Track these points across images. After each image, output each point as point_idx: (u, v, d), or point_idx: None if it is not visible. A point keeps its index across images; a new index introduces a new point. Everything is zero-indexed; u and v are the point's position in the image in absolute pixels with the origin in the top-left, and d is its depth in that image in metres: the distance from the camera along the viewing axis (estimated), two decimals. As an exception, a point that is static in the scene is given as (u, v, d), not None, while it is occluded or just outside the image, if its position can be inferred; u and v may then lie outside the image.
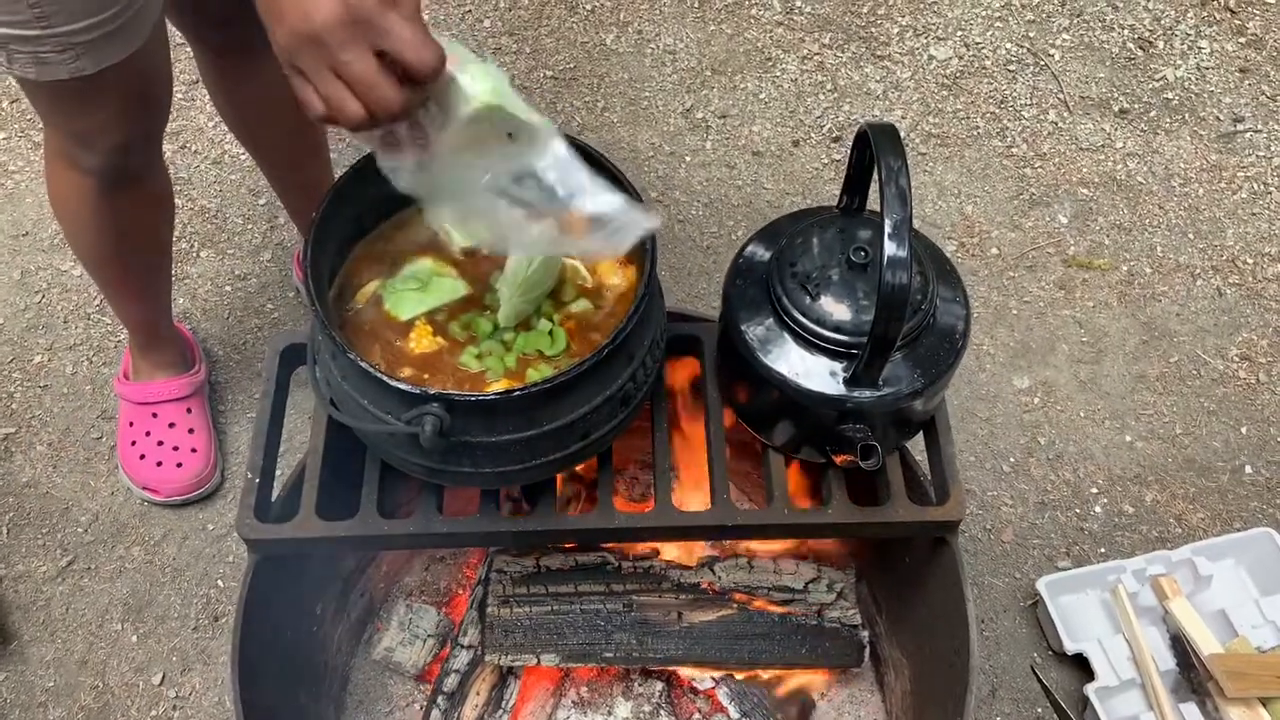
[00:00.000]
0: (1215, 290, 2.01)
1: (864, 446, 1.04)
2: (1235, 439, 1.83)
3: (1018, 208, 2.14)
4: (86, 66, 1.17)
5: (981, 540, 1.72)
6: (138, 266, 1.60)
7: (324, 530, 1.13)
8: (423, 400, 0.96)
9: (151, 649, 1.64)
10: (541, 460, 1.05)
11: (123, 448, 1.77)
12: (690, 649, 1.44)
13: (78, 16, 1.12)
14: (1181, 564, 1.60)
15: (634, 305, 1.03)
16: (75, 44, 1.14)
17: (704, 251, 2.09)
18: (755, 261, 1.16)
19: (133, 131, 1.35)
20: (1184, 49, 2.36)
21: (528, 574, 1.43)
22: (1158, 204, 2.13)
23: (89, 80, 1.19)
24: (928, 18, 2.43)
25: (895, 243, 0.95)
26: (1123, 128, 2.24)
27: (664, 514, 1.14)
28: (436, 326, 1.12)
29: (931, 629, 1.31)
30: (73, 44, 1.14)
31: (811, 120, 2.27)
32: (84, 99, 1.25)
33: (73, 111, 1.28)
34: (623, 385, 1.05)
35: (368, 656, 1.55)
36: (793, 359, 1.09)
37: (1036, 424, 1.85)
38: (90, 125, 1.30)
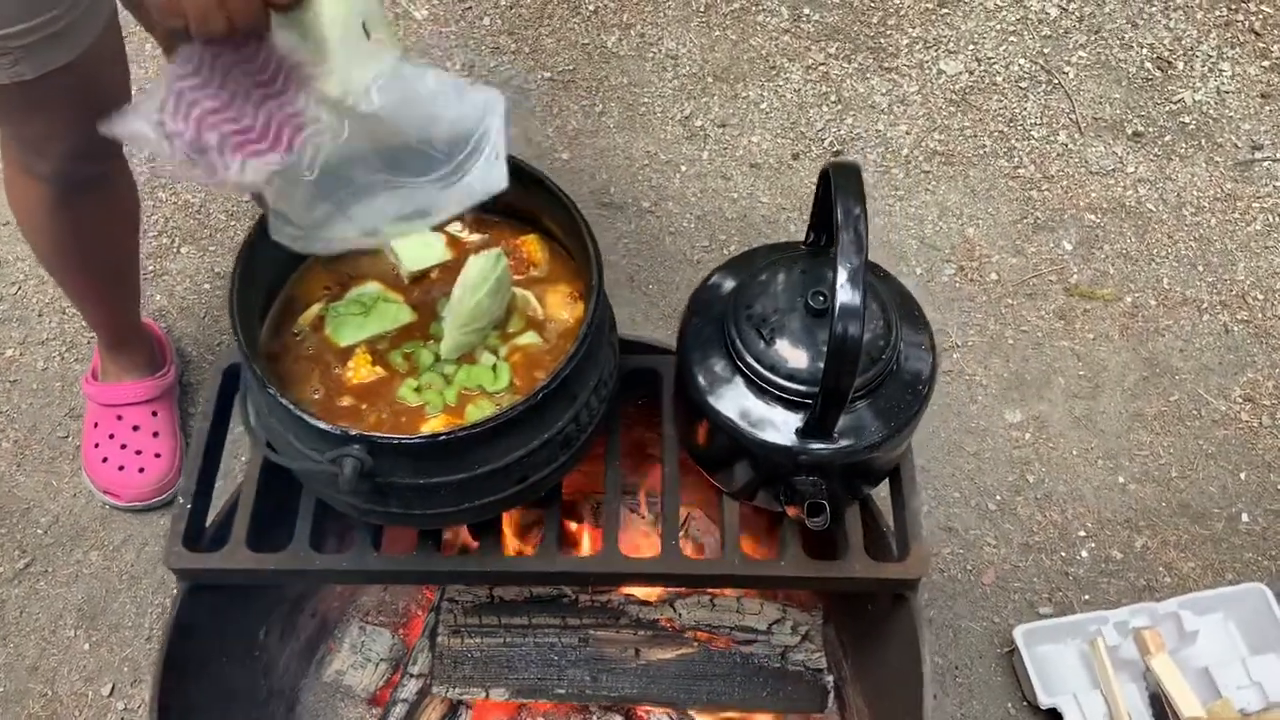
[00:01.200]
0: (1222, 327, 1.93)
1: (812, 504, 0.99)
2: (1233, 485, 1.76)
3: (1021, 231, 2.06)
4: (26, 71, 1.13)
5: (961, 581, 1.66)
6: (100, 273, 1.56)
7: (253, 562, 1.08)
8: (343, 441, 0.92)
9: (103, 658, 1.61)
10: (475, 503, 1.00)
11: (87, 449, 1.74)
12: (647, 688, 1.39)
13: (12, 20, 1.08)
14: (1167, 617, 1.53)
15: (576, 343, 0.98)
16: (13, 48, 1.10)
17: (693, 266, 2.03)
18: (715, 295, 1.10)
19: (85, 138, 1.30)
20: (1204, 71, 2.27)
21: (480, 604, 1.38)
22: (1167, 233, 2.05)
23: (32, 85, 1.15)
24: (939, 30, 2.35)
25: (849, 290, 0.89)
26: (1135, 152, 2.16)
27: (610, 559, 1.09)
28: (377, 355, 1.08)
29: (890, 684, 1.26)
30: (10, 48, 1.10)
31: (813, 133, 2.20)
32: (29, 104, 1.21)
33: (19, 118, 1.24)
34: (564, 427, 1.00)
35: (319, 677, 1.51)
36: (745, 405, 1.03)
37: (1026, 460, 1.79)
38: (39, 131, 1.26)
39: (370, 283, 1.12)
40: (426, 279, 1.13)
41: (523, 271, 1.13)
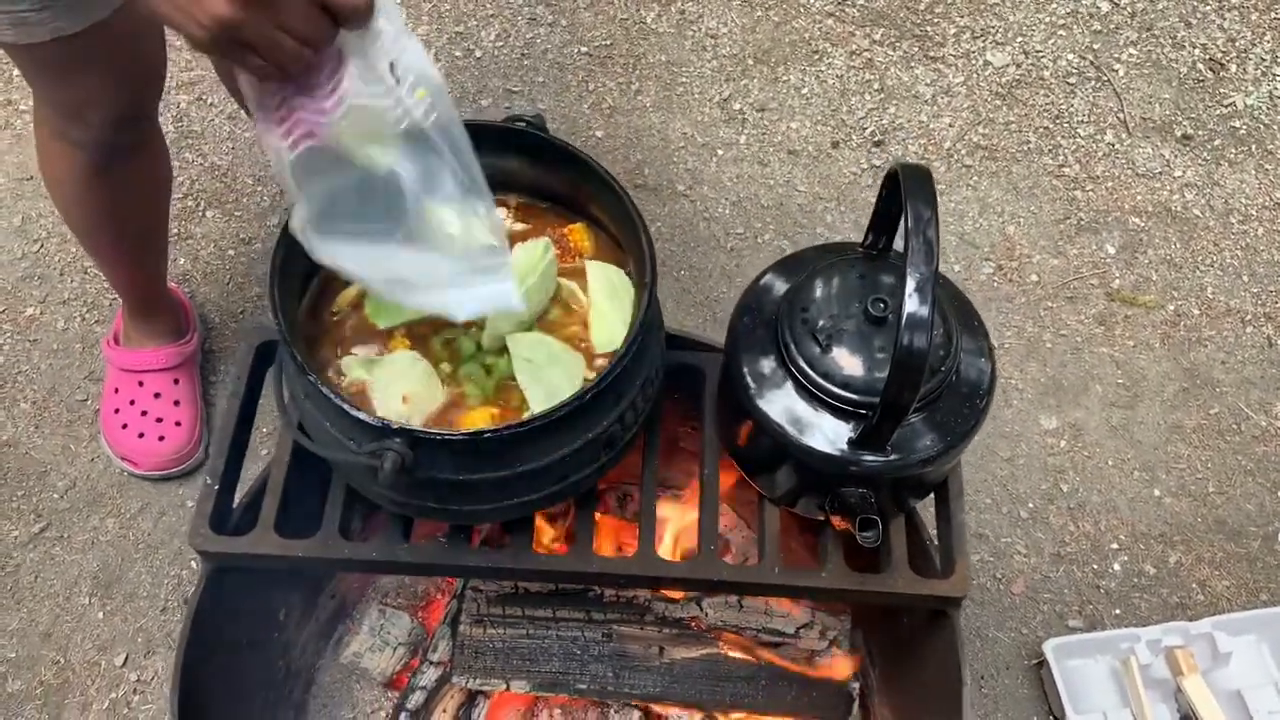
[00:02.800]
0: (1266, 340, 1.89)
1: (864, 519, 0.95)
2: (1272, 503, 1.72)
3: (1063, 232, 2.02)
4: (66, 26, 1.10)
5: (990, 590, 1.63)
6: (130, 241, 1.53)
7: (280, 548, 1.06)
8: (385, 434, 0.88)
9: (117, 627, 1.59)
10: (514, 501, 0.97)
11: (106, 414, 1.71)
12: (669, 687, 1.36)
13: None
14: (1200, 637, 1.50)
15: (625, 345, 0.94)
16: (54, 2, 1.06)
17: (727, 253, 1.99)
18: (768, 297, 1.06)
19: (124, 103, 1.28)
20: (1258, 74, 2.21)
21: (505, 594, 1.36)
22: (1213, 241, 2.00)
23: (72, 44, 1.12)
24: (988, 20, 2.29)
25: (917, 301, 0.85)
26: (1183, 155, 2.11)
27: (645, 563, 1.06)
28: (416, 339, 1.04)
29: (923, 698, 1.23)
30: (51, 2, 1.06)
31: (854, 121, 2.15)
32: (69, 66, 1.17)
33: (59, 81, 1.21)
34: (608, 427, 0.97)
35: (336, 658, 1.49)
36: (795, 410, 1.00)
37: (1061, 469, 1.75)
38: (77, 96, 1.23)
39: (408, 267, 1.08)
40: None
41: (569, 261, 1.09)
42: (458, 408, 1.00)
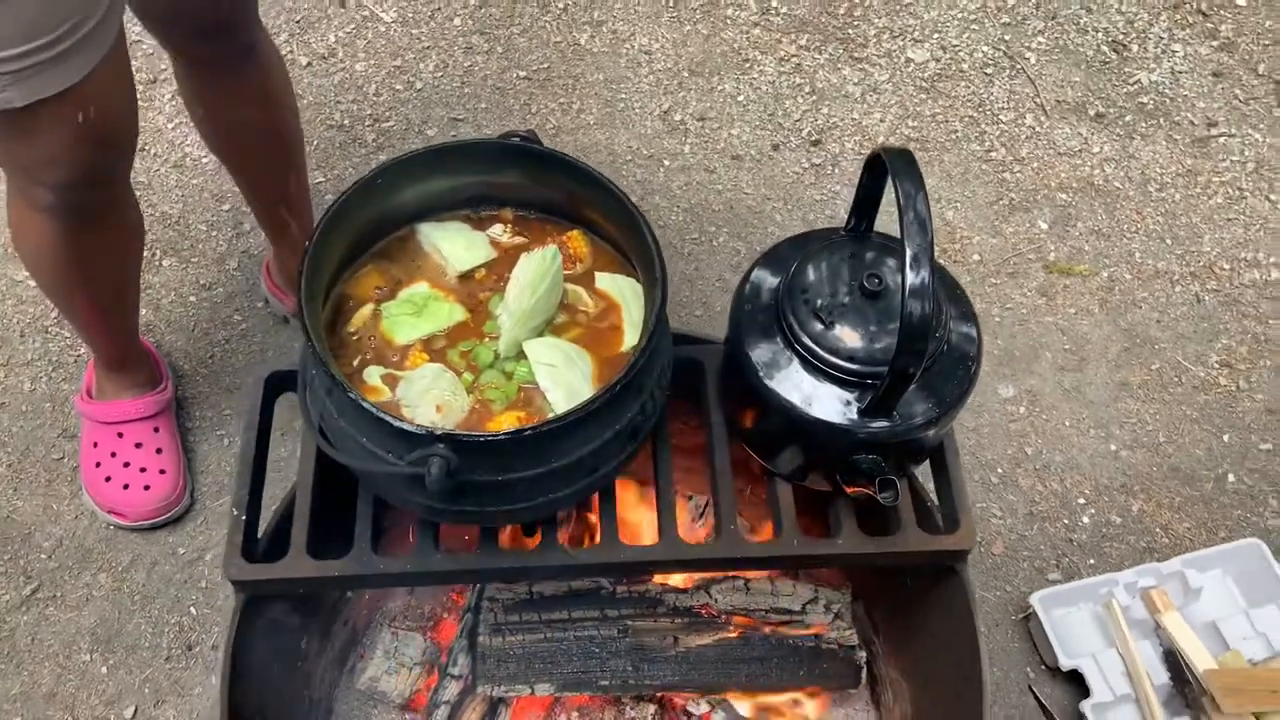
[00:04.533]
0: (1194, 297, 2.02)
1: (882, 480, 1.02)
2: (1218, 447, 1.84)
3: (998, 213, 2.13)
4: (15, 99, 1.06)
5: (973, 553, 1.70)
6: (102, 299, 1.51)
7: (316, 570, 1.08)
8: (429, 441, 0.92)
9: (122, 680, 1.58)
10: (549, 497, 1.01)
11: (86, 469, 1.70)
12: (687, 674, 1.41)
13: (6, 43, 1.01)
14: (1172, 576, 1.60)
15: (644, 338, 0.99)
16: (3, 73, 1.03)
17: (685, 259, 2.05)
18: (763, 286, 1.12)
19: (86, 168, 1.23)
20: (1158, 53, 2.36)
21: (519, 601, 1.39)
22: (1135, 209, 2.13)
23: (22, 113, 1.08)
24: (904, 19, 2.41)
25: (916, 271, 0.92)
26: (1099, 132, 2.24)
27: (671, 547, 1.11)
28: (434, 353, 1.08)
29: (936, 653, 1.29)
30: (1, 73, 1.03)
31: (790, 124, 2.24)
32: (21, 132, 1.13)
33: (12, 145, 1.17)
34: (632, 419, 1.02)
35: (351, 687, 1.50)
36: (803, 387, 1.05)
37: (1023, 434, 1.85)
38: (35, 159, 1.19)
39: (419, 283, 1.12)
40: (473, 278, 1.13)
41: (570, 267, 1.14)
42: (483, 414, 1.04)
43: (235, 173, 1.69)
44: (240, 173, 1.68)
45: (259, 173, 1.66)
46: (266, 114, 1.56)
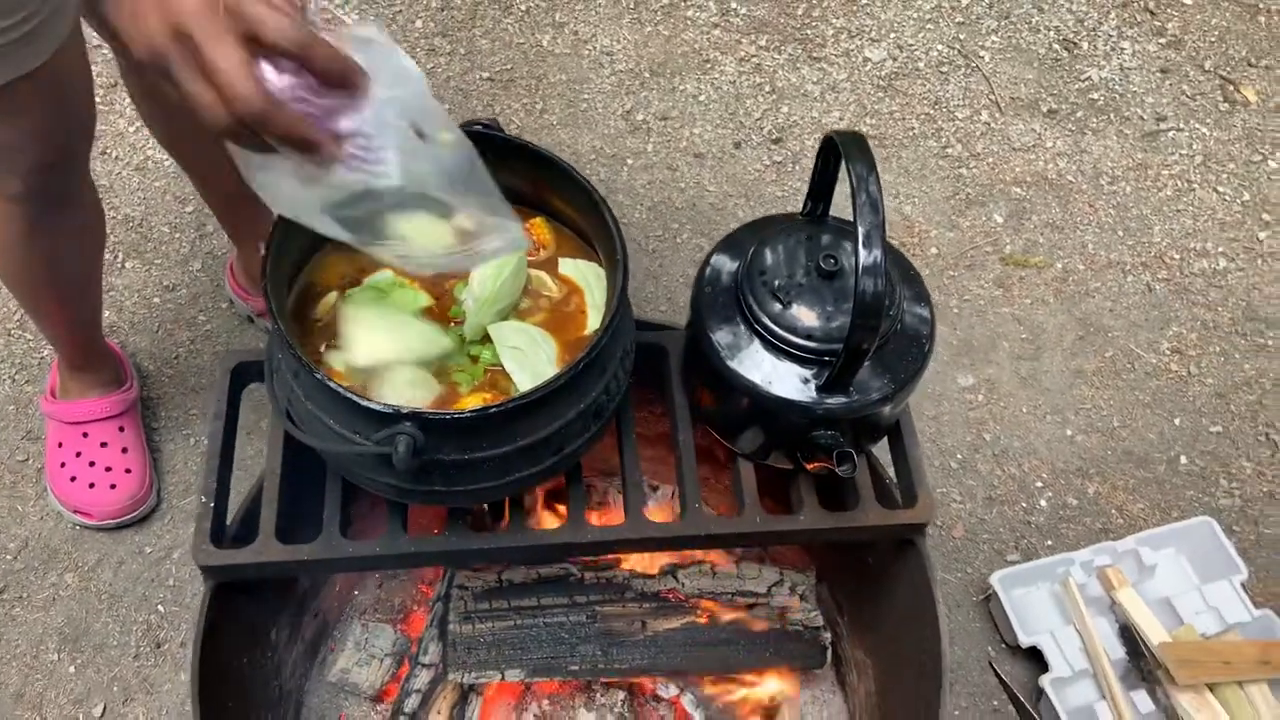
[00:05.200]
0: (1145, 286, 2.07)
1: (840, 453, 1.04)
2: (1170, 430, 1.89)
3: (955, 207, 2.17)
4: None
5: (934, 537, 1.75)
6: (67, 291, 1.52)
7: (285, 554, 1.08)
8: (395, 419, 0.93)
9: (90, 679, 1.57)
10: (515, 477, 1.03)
11: (52, 469, 1.69)
12: (655, 658, 1.43)
13: None
14: (1126, 554, 1.64)
15: (607, 317, 1.01)
16: None
17: (649, 255, 2.08)
18: (722, 270, 1.15)
19: (54, 152, 1.26)
20: (1107, 50, 2.42)
21: (489, 588, 1.40)
22: (1088, 202, 2.19)
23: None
24: (861, 20, 2.45)
25: (869, 250, 0.95)
26: (1052, 128, 2.30)
27: (636, 526, 1.13)
28: (401, 340, 1.09)
29: (897, 629, 1.32)
30: None
31: (751, 122, 2.27)
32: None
33: None
34: (596, 398, 1.03)
35: (322, 679, 1.51)
36: (764, 366, 1.08)
37: (982, 420, 1.89)
38: (6, 143, 1.21)
39: (384, 270, 1.13)
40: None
41: (534, 254, 1.16)
42: (451, 398, 1.05)
43: (189, 170, 1.69)
44: (193, 170, 1.68)
45: (211, 169, 1.66)
46: None
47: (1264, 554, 1.74)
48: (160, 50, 0.76)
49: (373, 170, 0.84)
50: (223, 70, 0.75)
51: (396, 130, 0.84)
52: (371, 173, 0.84)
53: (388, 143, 0.84)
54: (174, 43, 0.75)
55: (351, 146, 0.83)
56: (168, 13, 0.74)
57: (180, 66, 0.76)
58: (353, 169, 0.84)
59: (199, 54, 0.75)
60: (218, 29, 0.75)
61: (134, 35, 0.76)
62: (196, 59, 0.75)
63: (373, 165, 0.84)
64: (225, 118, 0.77)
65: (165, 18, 0.75)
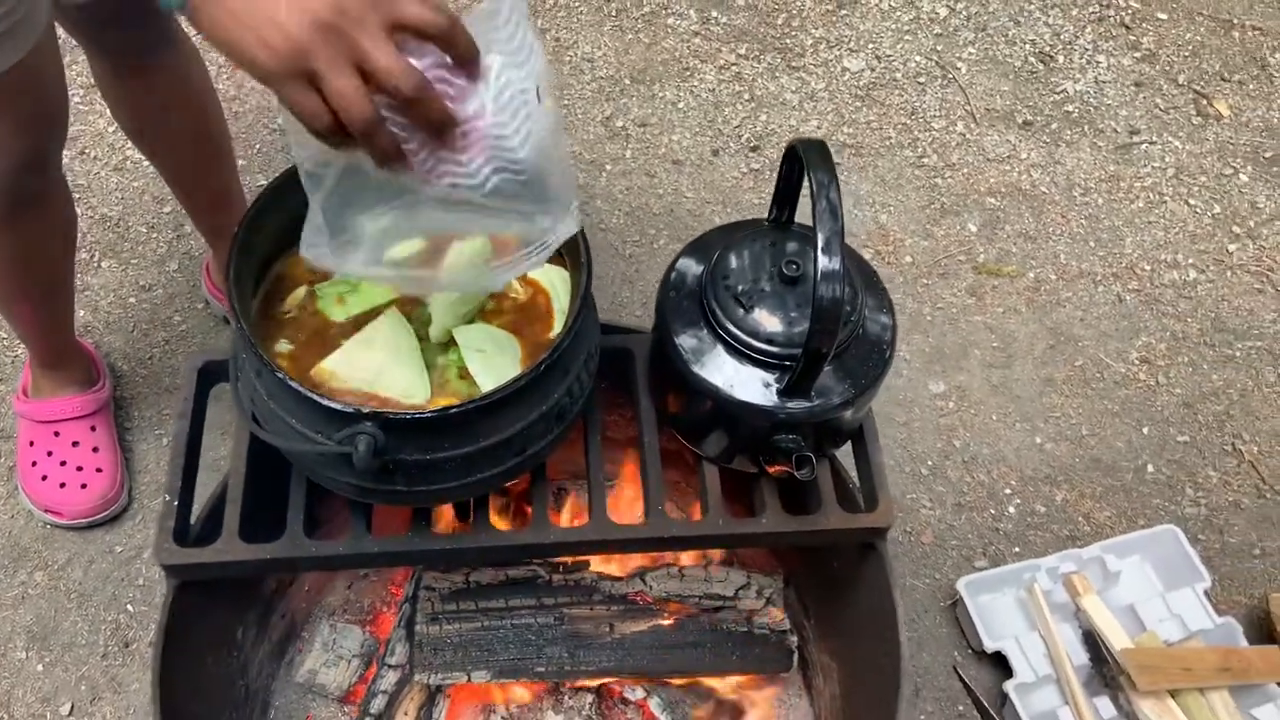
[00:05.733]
0: (1116, 296, 2.09)
1: (799, 457, 1.06)
2: (1137, 439, 1.91)
3: (929, 216, 2.19)
4: None
5: (902, 543, 1.76)
6: (39, 289, 1.52)
7: (248, 553, 1.09)
8: (356, 419, 0.94)
9: (59, 678, 1.57)
10: (477, 477, 1.04)
11: (23, 468, 1.69)
12: (622, 660, 1.43)
13: None
14: (1092, 561, 1.66)
15: (570, 319, 1.02)
16: None
17: (626, 260, 2.09)
18: (688, 274, 1.16)
19: (28, 149, 1.27)
20: (1082, 63, 2.45)
21: (457, 590, 1.41)
22: (1060, 213, 2.21)
23: None
24: (840, 30, 2.47)
25: (828, 256, 0.96)
26: (1027, 139, 2.32)
27: (600, 528, 1.14)
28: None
29: (860, 633, 1.33)
30: None
31: (730, 130, 2.29)
32: None
33: None
34: (559, 400, 1.04)
35: (290, 679, 1.51)
36: (726, 371, 1.09)
37: (952, 427, 1.90)
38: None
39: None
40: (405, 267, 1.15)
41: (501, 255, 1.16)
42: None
43: (163, 169, 1.70)
44: (167, 169, 1.69)
45: (186, 169, 1.67)
46: (187, 105, 1.57)
47: (1228, 562, 1.76)
48: (304, 47, 0.73)
49: (505, 152, 0.84)
50: (379, 56, 0.75)
51: (521, 106, 0.84)
52: (505, 157, 0.84)
53: (514, 124, 0.84)
54: (319, 36, 0.73)
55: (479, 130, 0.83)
56: (309, 7, 0.73)
57: (327, 61, 0.74)
58: (486, 156, 0.84)
59: (352, 44, 0.74)
60: (366, 17, 0.74)
61: (263, 39, 0.74)
62: (349, 50, 0.74)
63: (505, 151, 0.84)
64: (371, 110, 0.76)
65: (307, 12, 0.73)
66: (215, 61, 2.27)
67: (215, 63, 2.27)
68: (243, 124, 2.18)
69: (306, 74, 0.75)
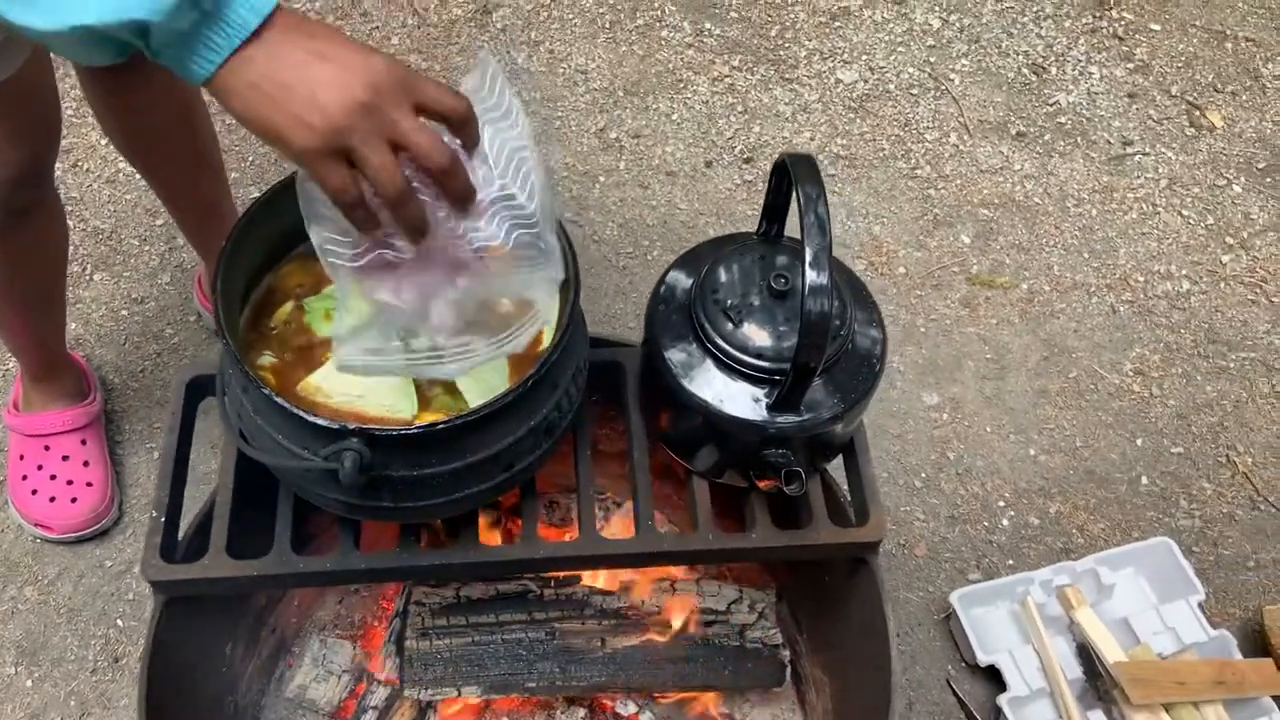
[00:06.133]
0: (1110, 308, 2.09)
1: (788, 472, 1.05)
2: (1131, 451, 1.90)
3: (923, 227, 2.19)
4: None
5: (896, 555, 1.75)
6: (30, 301, 1.52)
7: (235, 569, 1.08)
8: (342, 435, 0.93)
9: (48, 693, 1.56)
10: (464, 493, 1.03)
11: (13, 482, 1.68)
12: (614, 675, 1.43)
13: None
14: (1085, 574, 1.65)
15: (558, 333, 1.02)
16: None
17: (619, 271, 2.09)
18: (677, 288, 1.16)
19: (22, 162, 1.27)
20: (1075, 74, 2.45)
21: (447, 605, 1.40)
22: (1054, 224, 2.21)
23: None
24: (834, 41, 2.48)
25: (816, 270, 0.96)
26: (1020, 150, 2.32)
27: (589, 543, 1.13)
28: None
29: (852, 646, 1.33)
30: None
31: (723, 141, 2.29)
32: None
33: None
34: (547, 415, 1.04)
35: (280, 695, 1.50)
36: (716, 385, 1.09)
37: (946, 439, 1.90)
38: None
39: (342, 283, 1.14)
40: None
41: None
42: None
43: (153, 183, 1.70)
44: (158, 183, 1.68)
45: (176, 182, 1.67)
46: (177, 119, 1.57)
47: (1222, 575, 1.76)
48: (342, 125, 0.76)
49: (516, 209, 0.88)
50: (415, 134, 0.78)
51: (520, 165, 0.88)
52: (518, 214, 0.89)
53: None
54: (359, 115, 0.76)
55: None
56: (348, 86, 0.75)
57: (364, 139, 0.77)
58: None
59: (389, 123, 0.77)
60: (399, 98, 0.78)
61: (301, 120, 0.75)
62: (384, 128, 0.77)
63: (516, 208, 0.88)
64: (405, 183, 0.79)
65: (347, 90, 0.75)
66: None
67: (208, 75, 2.27)
68: (236, 136, 2.18)
69: (343, 151, 0.77)
